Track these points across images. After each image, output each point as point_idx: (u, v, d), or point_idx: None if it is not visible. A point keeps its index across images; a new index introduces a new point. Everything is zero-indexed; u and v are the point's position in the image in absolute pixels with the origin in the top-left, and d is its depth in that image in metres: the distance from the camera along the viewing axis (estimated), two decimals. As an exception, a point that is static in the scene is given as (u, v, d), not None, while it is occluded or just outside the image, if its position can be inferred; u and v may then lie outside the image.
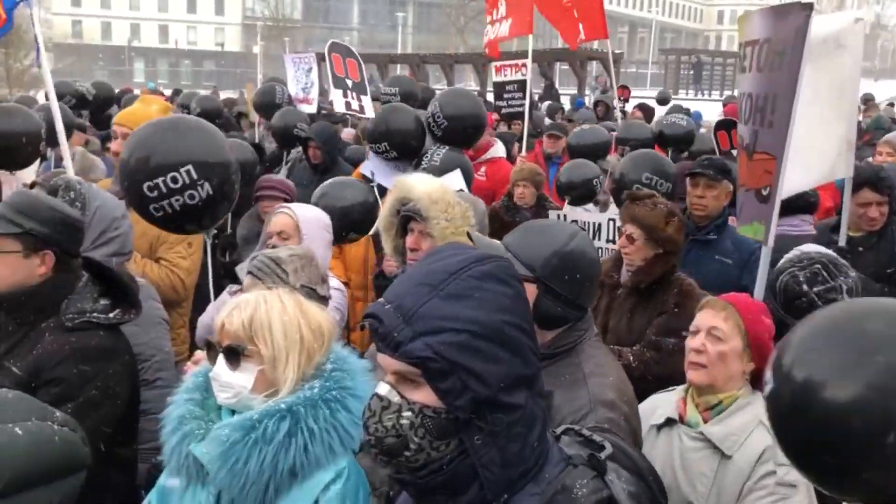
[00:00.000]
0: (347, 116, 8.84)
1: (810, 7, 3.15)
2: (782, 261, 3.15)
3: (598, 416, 2.13)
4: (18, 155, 4.80)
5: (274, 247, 3.51)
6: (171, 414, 2.07)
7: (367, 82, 7.83)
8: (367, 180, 4.93)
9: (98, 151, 6.53)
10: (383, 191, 4.44)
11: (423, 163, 4.93)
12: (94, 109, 8.29)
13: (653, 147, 7.17)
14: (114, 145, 4.05)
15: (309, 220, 3.64)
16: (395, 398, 1.37)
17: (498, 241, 2.43)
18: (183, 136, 3.05)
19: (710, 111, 17.53)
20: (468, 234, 2.44)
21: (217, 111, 8.64)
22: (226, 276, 3.88)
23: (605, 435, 1.55)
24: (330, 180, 4.63)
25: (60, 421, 1.69)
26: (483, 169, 6.75)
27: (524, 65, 8.05)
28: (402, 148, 5.06)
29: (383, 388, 1.38)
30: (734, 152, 6.04)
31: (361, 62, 7.78)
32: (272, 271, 2.85)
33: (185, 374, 2.53)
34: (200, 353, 2.56)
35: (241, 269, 3.63)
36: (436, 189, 2.90)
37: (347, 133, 8.70)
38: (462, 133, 5.28)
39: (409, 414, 1.35)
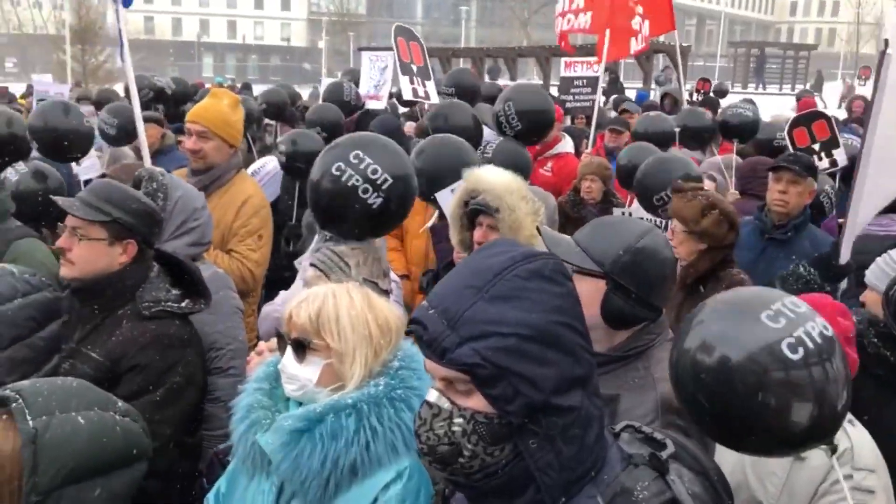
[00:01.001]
0: (415, 110, 8.82)
1: (886, 44, 3.05)
2: None
3: (665, 422, 2.07)
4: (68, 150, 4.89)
5: (327, 237, 3.55)
6: (240, 402, 2.08)
7: (429, 68, 7.80)
8: None
9: (173, 145, 6.65)
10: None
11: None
12: (171, 104, 8.46)
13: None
14: (187, 143, 4.08)
15: None
16: (446, 405, 1.33)
17: (568, 237, 2.37)
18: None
19: (771, 106, 16.73)
20: (538, 229, 2.39)
21: (283, 104, 8.73)
22: (290, 267, 3.91)
23: (668, 432, 1.49)
24: (430, 137, 4.40)
25: (122, 411, 1.69)
26: (549, 164, 6.66)
27: (597, 62, 7.97)
28: None
29: (433, 395, 1.35)
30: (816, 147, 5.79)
31: (424, 45, 7.76)
32: (335, 264, 2.86)
33: (247, 364, 2.56)
34: (263, 345, 2.58)
35: (300, 263, 3.66)
36: (506, 182, 2.84)
37: (409, 127, 8.70)
38: (534, 129, 5.15)
39: (460, 421, 1.32)
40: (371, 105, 8.31)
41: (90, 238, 2.55)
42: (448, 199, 3.53)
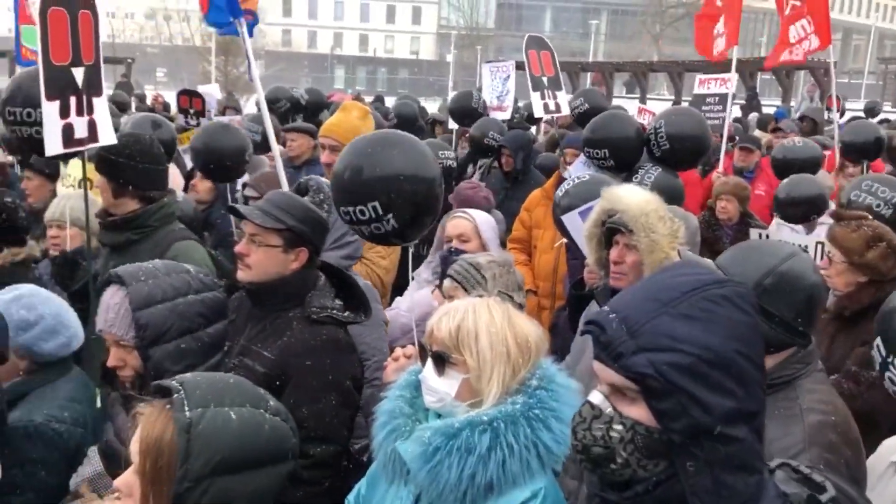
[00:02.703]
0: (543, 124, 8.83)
1: None
2: None
3: (812, 456, 1.98)
4: (231, 169, 5.12)
5: (451, 250, 3.59)
6: (382, 408, 2.13)
7: (560, 77, 7.79)
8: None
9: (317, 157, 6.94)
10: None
11: (633, 179, 4.73)
12: (306, 115, 8.80)
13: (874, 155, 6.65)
14: (323, 156, 4.24)
15: (484, 222, 3.73)
16: (608, 409, 1.34)
17: (709, 261, 2.32)
18: (377, 165, 2.73)
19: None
20: (679, 252, 2.35)
21: (414, 117, 8.93)
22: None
23: (827, 474, 1.43)
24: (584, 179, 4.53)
25: (273, 410, 1.74)
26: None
27: (728, 80, 7.80)
28: (622, 157, 4.86)
29: (596, 397, 1.36)
30: None
31: (555, 54, 7.75)
32: (472, 276, 2.90)
33: (384, 369, 2.63)
34: (400, 351, 2.63)
35: (419, 274, 3.71)
36: (645, 202, 2.80)
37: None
38: (683, 154, 4.93)
39: (619, 427, 1.33)
40: (495, 116, 8.37)
41: (267, 245, 2.70)
42: (576, 221, 3.52)
